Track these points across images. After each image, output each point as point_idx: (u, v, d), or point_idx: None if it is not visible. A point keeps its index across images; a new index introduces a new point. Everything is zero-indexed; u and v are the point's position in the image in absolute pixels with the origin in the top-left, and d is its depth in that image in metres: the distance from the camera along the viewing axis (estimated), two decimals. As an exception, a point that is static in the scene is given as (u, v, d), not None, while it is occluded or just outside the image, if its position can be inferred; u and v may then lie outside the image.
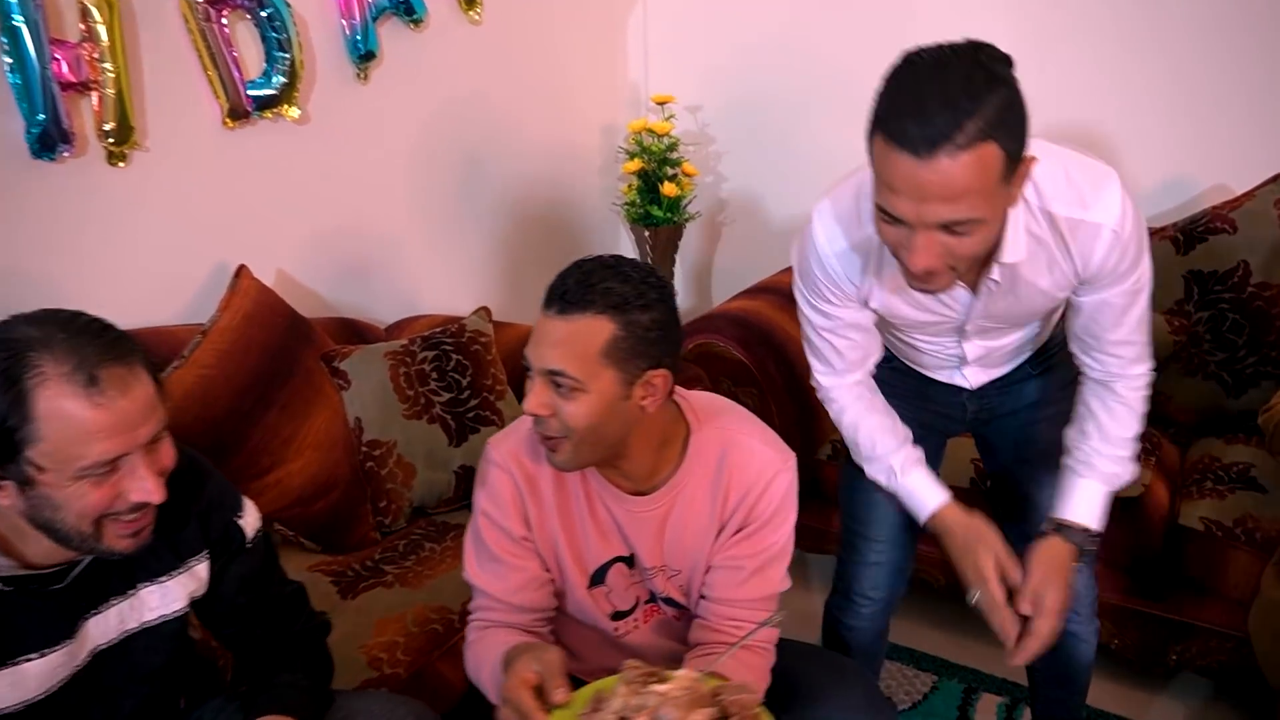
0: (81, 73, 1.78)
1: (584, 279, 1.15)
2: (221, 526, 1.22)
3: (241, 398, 1.76)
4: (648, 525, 1.29)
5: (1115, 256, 1.25)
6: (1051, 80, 2.55)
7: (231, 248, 2.08)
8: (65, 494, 0.99)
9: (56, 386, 0.96)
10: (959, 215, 1.07)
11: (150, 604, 1.17)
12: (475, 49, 2.62)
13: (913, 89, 1.06)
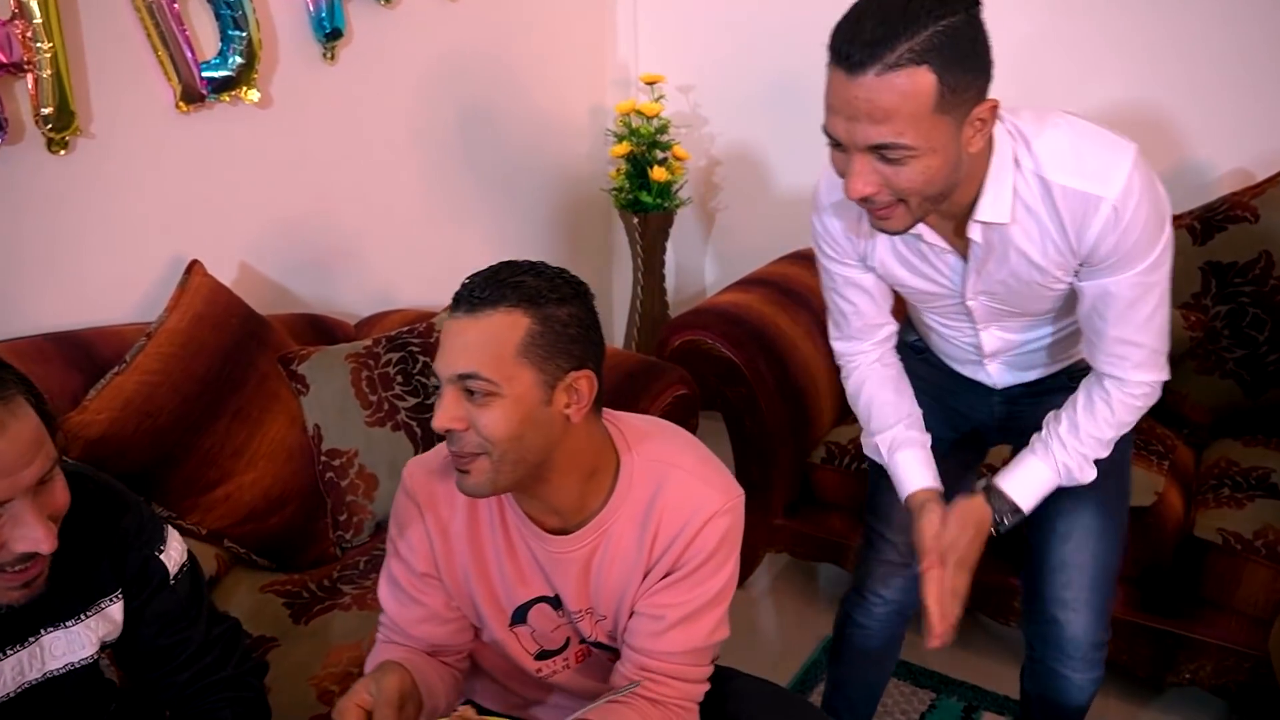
0: (13, 53, 1.65)
1: (493, 276, 1.05)
2: (139, 563, 1.11)
3: (189, 406, 1.64)
4: (571, 566, 1.16)
5: (1114, 237, 1.14)
6: (1065, 58, 2.43)
7: (188, 240, 1.96)
8: None
9: None
10: (886, 138, 1.05)
11: (54, 651, 1.06)
12: (451, 25, 2.49)
13: (858, 8, 1.05)
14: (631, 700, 1.14)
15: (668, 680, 1.16)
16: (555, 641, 1.23)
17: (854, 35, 1.03)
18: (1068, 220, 1.16)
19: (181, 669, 1.15)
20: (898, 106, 1.03)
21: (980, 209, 1.17)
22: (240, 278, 2.06)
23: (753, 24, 2.81)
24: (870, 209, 1.14)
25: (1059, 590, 1.44)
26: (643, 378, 1.87)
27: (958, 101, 1.05)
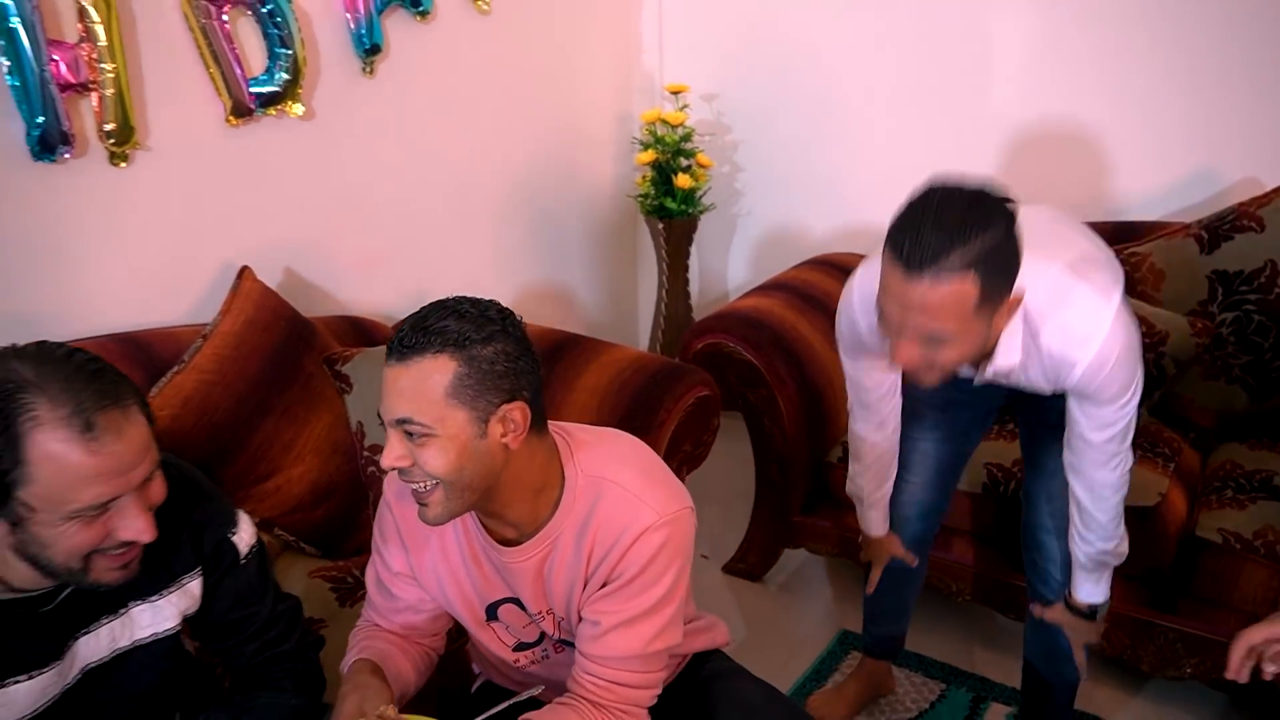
0: (80, 73, 1.76)
1: (419, 323, 1.10)
2: (214, 543, 1.21)
3: (241, 404, 1.75)
4: (525, 574, 1.24)
5: (1092, 386, 1.39)
6: (1077, 70, 2.50)
7: (237, 246, 2.07)
8: (54, 533, 0.99)
9: (51, 431, 0.95)
10: (933, 330, 1.25)
11: (142, 622, 1.17)
12: (484, 39, 2.59)
13: (921, 211, 1.23)
14: (575, 702, 1.21)
15: (609, 685, 1.21)
16: (530, 635, 1.31)
17: (915, 239, 1.21)
18: (1051, 373, 1.41)
19: (249, 640, 1.26)
20: (946, 307, 1.23)
21: (996, 360, 1.42)
22: (285, 281, 2.17)
23: (775, 35, 2.89)
24: (909, 369, 1.35)
25: (1044, 518, 1.66)
26: (666, 380, 1.96)
27: (994, 302, 1.26)
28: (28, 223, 1.77)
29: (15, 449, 0.95)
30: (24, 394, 0.95)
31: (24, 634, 1.07)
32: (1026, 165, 2.60)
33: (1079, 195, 2.55)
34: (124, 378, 1.02)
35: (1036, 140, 2.59)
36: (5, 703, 1.06)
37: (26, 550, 1.00)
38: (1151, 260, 2.24)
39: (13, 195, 1.74)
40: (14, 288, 1.76)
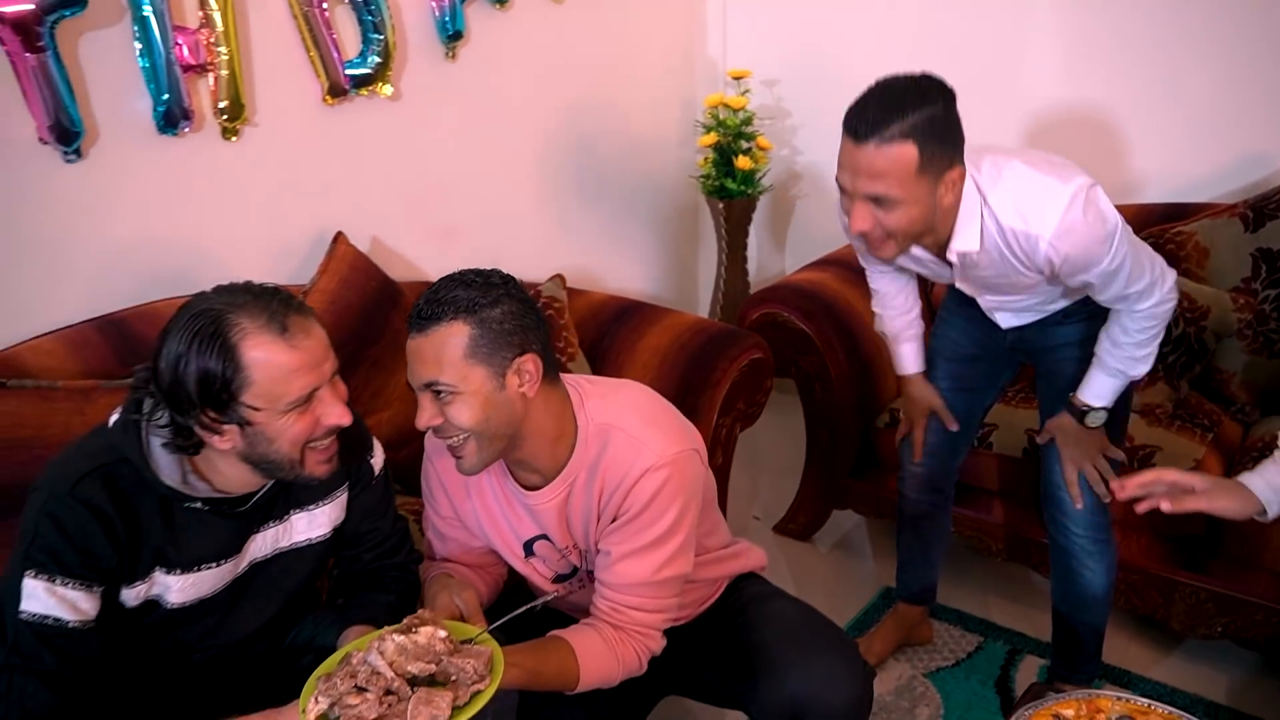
0: (200, 56, 1.96)
1: (432, 296, 1.26)
2: (358, 464, 1.40)
3: (337, 353, 1.93)
4: (549, 513, 1.40)
5: (1058, 260, 1.50)
6: (1125, 55, 2.56)
7: (331, 215, 2.26)
8: (277, 427, 1.17)
9: (257, 337, 1.14)
10: (879, 191, 1.43)
11: (299, 528, 1.36)
12: (558, 27, 2.74)
13: (869, 93, 1.45)
14: (595, 623, 1.37)
15: (622, 608, 1.37)
16: (564, 567, 1.47)
17: (861, 115, 1.42)
18: (1019, 252, 1.53)
19: (368, 550, 1.45)
20: (888, 170, 1.41)
21: (954, 242, 1.54)
22: (373, 248, 2.36)
23: (834, 21, 3.00)
24: (867, 240, 1.52)
25: (1056, 490, 1.77)
26: (722, 342, 2.10)
27: (934, 169, 1.43)
28: (154, 190, 1.98)
29: (233, 359, 1.13)
30: (228, 315, 1.14)
31: (220, 530, 1.27)
32: (1072, 149, 2.67)
33: (1129, 178, 2.62)
34: (294, 295, 1.22)
35: (1082, 124, 2.66)
36: (196, 584, 1.26)
37: (255, 450, 1.18)
38: (1196, 239, 2.31)
39: (141, 165, 1.95)
40: (141, 248, 1.97)
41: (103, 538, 1.16)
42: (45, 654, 1.13)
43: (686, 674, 1.55)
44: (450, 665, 1.14)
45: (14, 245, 1.80)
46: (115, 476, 1.18)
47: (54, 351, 1.75)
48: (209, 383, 1.13)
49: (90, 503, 1.15)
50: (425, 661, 1.13)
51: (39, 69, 1.72)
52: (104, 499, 1.17)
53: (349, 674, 1.12)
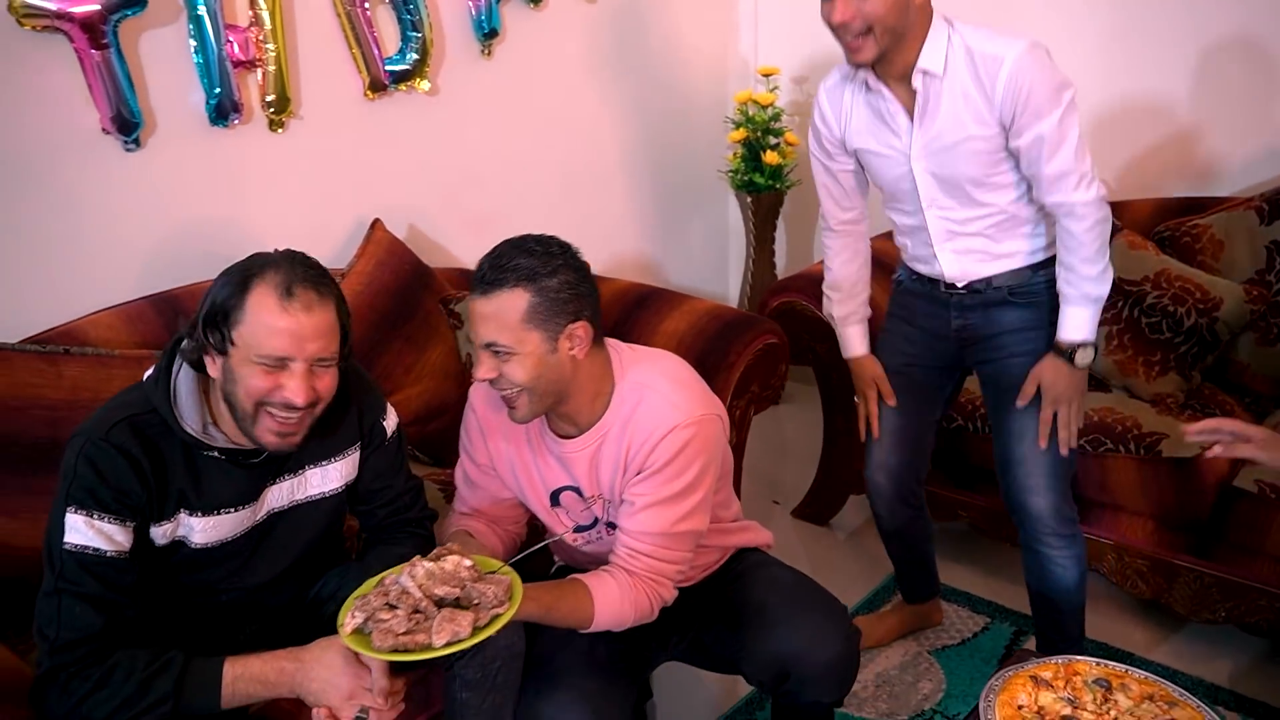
0: (249, 52, 2.10)
1: (496, 261, 1.36)
2: (370, 425, 1.52)
3: (372, 331, 2.07)
4: (581, 462, 1.50)
5: (1017, 87, 1.59)
6: (1145, 50, 2.59)
7: (370, 203, 2.39)
8: (242, 372, 1.28)
9: (264, 289, 1.27)
10: None
11: (313, 482, 1.48)
12: (591, 25, 2.85)
13: None
14: (612, 569, 1.47)
15: (640, 556, 1.46)
16: (586, 519, 1.57)
17: None
18: (983, 75, 1.61)
19: (382, 506, 1.56)
20: None
21: (921, 59, 1.63)
22: (409, 235, 2.48)
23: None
24: (848, 40, 1.62)
25: (1023, 479, 1.81)
26: (738, 327, 2.18)
27: None
28: (205, 178, 2.12)
29: (241, 294, 1.27)
30: (259, 267, 1.29)
31: (237, 478, 1.39)
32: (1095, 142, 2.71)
33: (1150, 171, 2.65)
34: (333, 282, 1.33)
35: (1106, 118, 2.69)
36: (217, 527, 1.39)
37: (226, 385, 1.30)
38: (1212, 231, 2.34)
39: (195, 154, 2.09)
40: (192, 231, 2.12)
41: (133, 477, 1.29)
42: (88, 580, 1.26)
43: (685, 637, 1.64)
44: (473, 590, 1.25)
45: (77, 227, 1.95)
46: (144, 425, 1.32)
47: (112, 324, 1.90)
48: (216, 306, 1.28)
49: (121, 446, 1.29)
50: (451, 586, 1.25)
51: (103, 64, 1.87)
52: (134, 443, 1.30)
53: (381, 594, 1.25)
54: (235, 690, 1.29)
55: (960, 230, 1.77)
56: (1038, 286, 1.78)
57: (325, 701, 1.29)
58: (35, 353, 1.70)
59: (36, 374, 1.66)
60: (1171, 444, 2.06)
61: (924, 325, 1.90)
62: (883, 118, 1.75)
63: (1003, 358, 1.81)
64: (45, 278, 1.92)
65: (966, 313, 1.83)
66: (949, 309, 1.84)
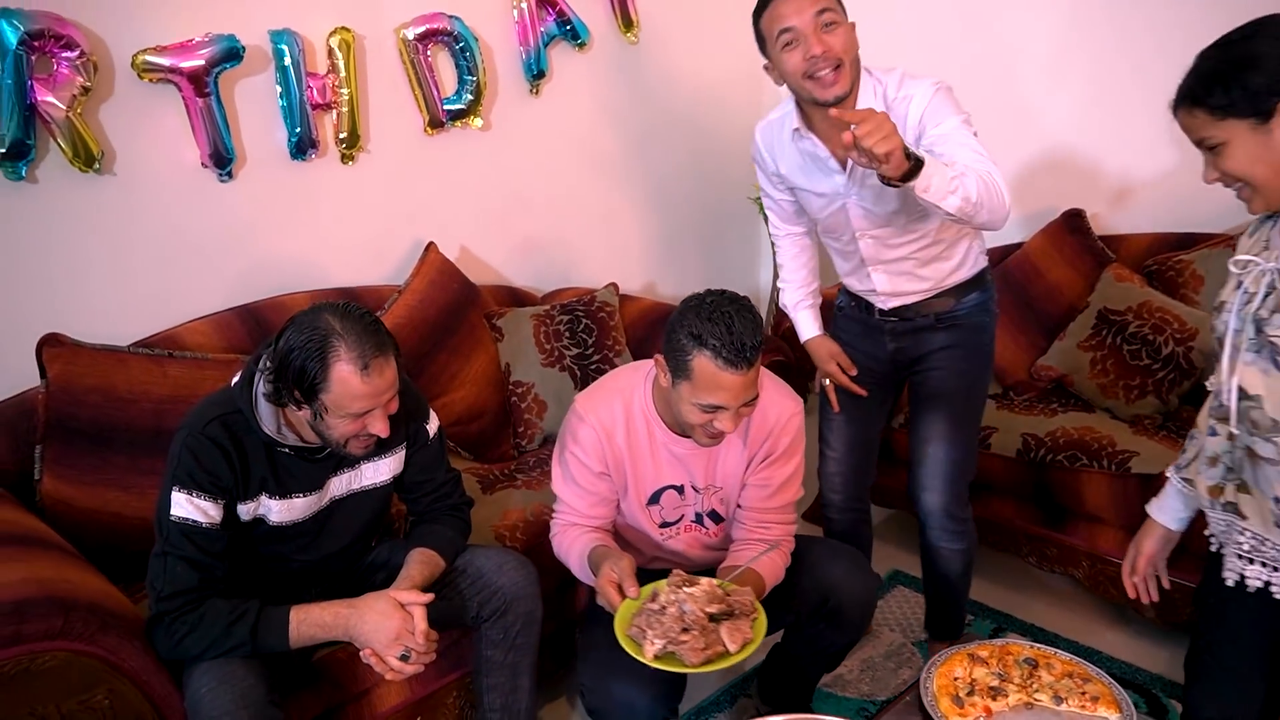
0: (326, 96, 2.42)
1: (745, 340, 1.54)
2: (415, 428, 1.80)
3: (423, 341, 2.36)
4: (700, 457, 1.76)
5: (926, 111, 1.75)
6: (1143, 91, 2.77)
7: (427, 227, 2.69)
8: (334, 423, 1.57)
9: (345, 364, 1.52)
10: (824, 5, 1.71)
11: (367, 474, 1.77)
12: (632, 65, 3.12)
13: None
14: (752, 544, 1.77)
15: (777, 525, 1.79)
16: (673, 516, 1.83)
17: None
18: (899, 112, 1.76)
19: (425, 495, 1.84)
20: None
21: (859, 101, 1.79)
22: (461, 256, 2.78)
23: (890, 53, 3.27)
24: (823, 75, 1.71)
25: (922, 479, 2.07)
26: (748, 345, 2.44)
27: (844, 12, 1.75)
28: (285, 207, 2.44)
29: (325, 372, 1.53)
30: (334, 338, 1.53)
31: (305, 470, 1.69)
32: (1092, 178, 2.89)
33: (1144, 207, 2.83)
34: (388, 335, 1.60)
35: (1100, 156, 2.88)
36: (290, 508, 1.68)
37: (317, 429, 1.60)
38: (1193, 266, 2.53)
39: (278, 186, 2.41)
40: (274, 251, 2.43)
41: (224, 464, 1.59)
42: (187, 545, 1.56)
43: None
44: (733, 602, 1.55)
45: (178, 247, 2.28)
46: (232, 422, 1.61)
47: (205, 332, 2.22)
48: (303, 377, 1.54)
49: (215, 439, 1.59)
50: (718, 603, 1.55)
51: (205, 109, 2.20)
52: (224, 437, 1.60)
53: (672, 618, 1.53)
54: (300, 633, 1.59)
55: (891, 255, 1.94)
56: (963, 311, 1.98)
57: (374, 642, 1.58)
58: (145, 355, 2.03)
59: (146, 373, 1.99)
60: (1142, 461, 2.26)
61: (862, 349, 2.09)
62: (814, 161, 1.88)
63: (927, 370, 2.04)
64: (151, 289, 2.25)
65: (899, 338, 2.04)
66: (883, 335, 2.05)
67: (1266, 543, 1.39)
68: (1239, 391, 1.34)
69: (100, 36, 2.07)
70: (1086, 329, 2.58)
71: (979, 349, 2.04)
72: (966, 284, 1.99)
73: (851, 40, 1.75)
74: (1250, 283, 1.33)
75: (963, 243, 1.96)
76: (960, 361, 2.01)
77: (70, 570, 1.60)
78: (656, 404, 1.74)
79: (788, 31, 1.72)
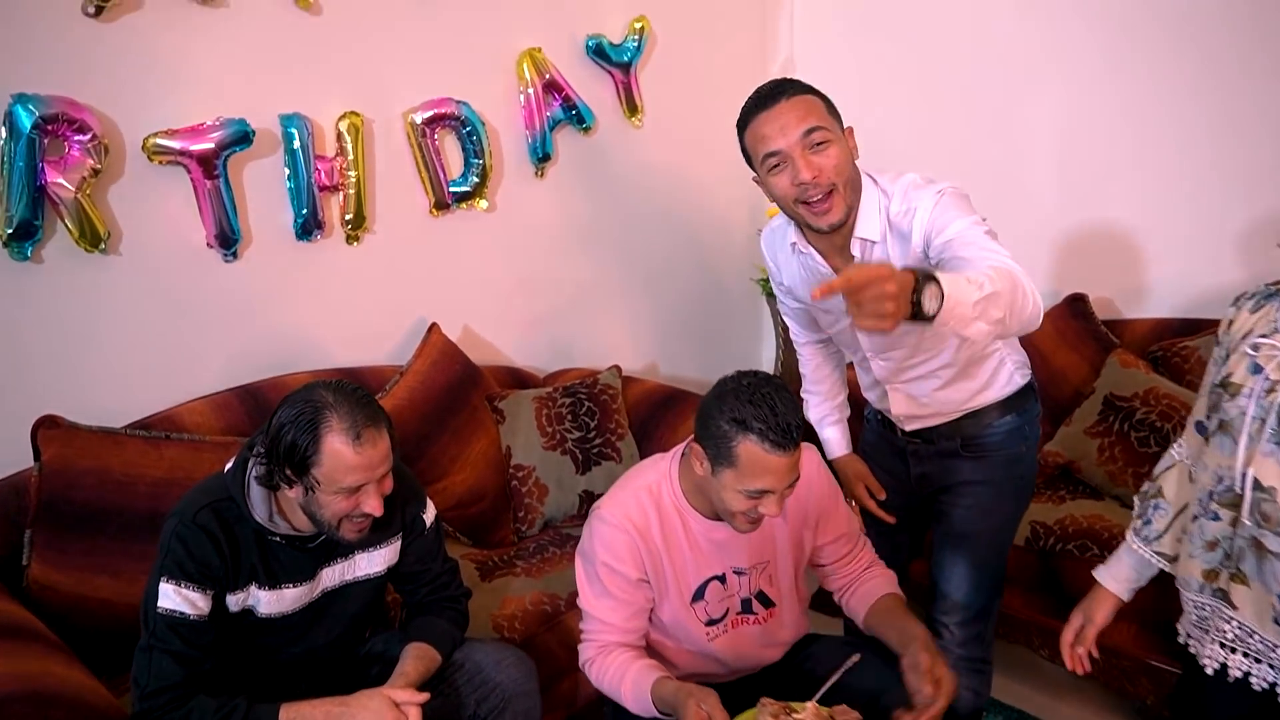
0: (333, 178, 2.44)
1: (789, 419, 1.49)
2: (411, 517, 1.77)
3: (424, 424, 2.34)
4: (740, 537, 1.66)
5: (934, 218, 1.57)
6: (1147, 175, 2.79)
7: (431, 307, 2.69)
8: (327, 499, 1.54)
9: (337, 436, 1.51)
10: (813, 123, 1.55)
11: (361, 565, 1.73)
12: (636, 148, 3.15)
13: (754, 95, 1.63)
14: (874, 575, 1.78)
15: (862, 551, 1.79)
16: (719, 611, 1.71)
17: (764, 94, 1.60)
18: (911, 221, 1.59)
19: (422, 586, 1.80)
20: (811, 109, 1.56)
21: (860, 227, 1.62)
22: (464, 337, 2.77)
23: (886, 147, 3.32)
24: (815, 203, 1.56)
25: (938, 614, 1.94)
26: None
27: (838, 121, 1.59)
28: (290, 287, 2.44)
29: (317, 444, 1.51)
30: (325, 410, 1.52)
31: (296, 559, 1.65)
32: (1099, 262, 2.90)
33: (1152, 292, 2.84)
34: (381, 410, 1.58)
35: (1106, 240, 2.90)
36: (279, 599, 1.64)
37: (309, 509, 1.57)
38: (1199, 353, 2.52)
39: (283, 266, 2.42)
40: (276, 331, 2.43)
41: (214, 553, 1.55)
42: (174, 639, 1.51)
43: None
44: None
45: (180, 327, 2.27)
46: (223, 509, 1.58)
47: (203, 412, 2.20)
48: (294, 451, 1.51)
49: (206, 527, 1.55)
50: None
51: (213, 191, 2.21)
52: (215, 525, 1.56)
53: None
54: None
55: (907, 375, 1.81)
56: (993, 438, 1.83)
57: None
58: (142, 437, 2.01)
59: (142, 455, 1.96)
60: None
61: (888, 469, 1.98)
62: (816, 276, 1.74)
63: (952, 505, 1.89)
64: (152, 369, 2.24)
65: (923, 462, 1.90)
66: (907, 458, 1.92)
67: (1255, 635, 1.35)
68: (1254, 482, 1.31)
69: (113, 120, 2.10)
70: (1093, 415, 2.56)
71: (1012, 484, 1.88)
72: (998, 405, 1.82)
73: (845, 158, 1.57)
74: (1272, 370, 1.30)
75: (990, 360, 1.79)
76: (989, 499, 1.85)
77: (52, 664, 1.55)
78: (687, 494, 1.66)
79: (773, 155, 1.57)
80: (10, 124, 1.94)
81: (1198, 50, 2.66)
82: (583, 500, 2.47)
